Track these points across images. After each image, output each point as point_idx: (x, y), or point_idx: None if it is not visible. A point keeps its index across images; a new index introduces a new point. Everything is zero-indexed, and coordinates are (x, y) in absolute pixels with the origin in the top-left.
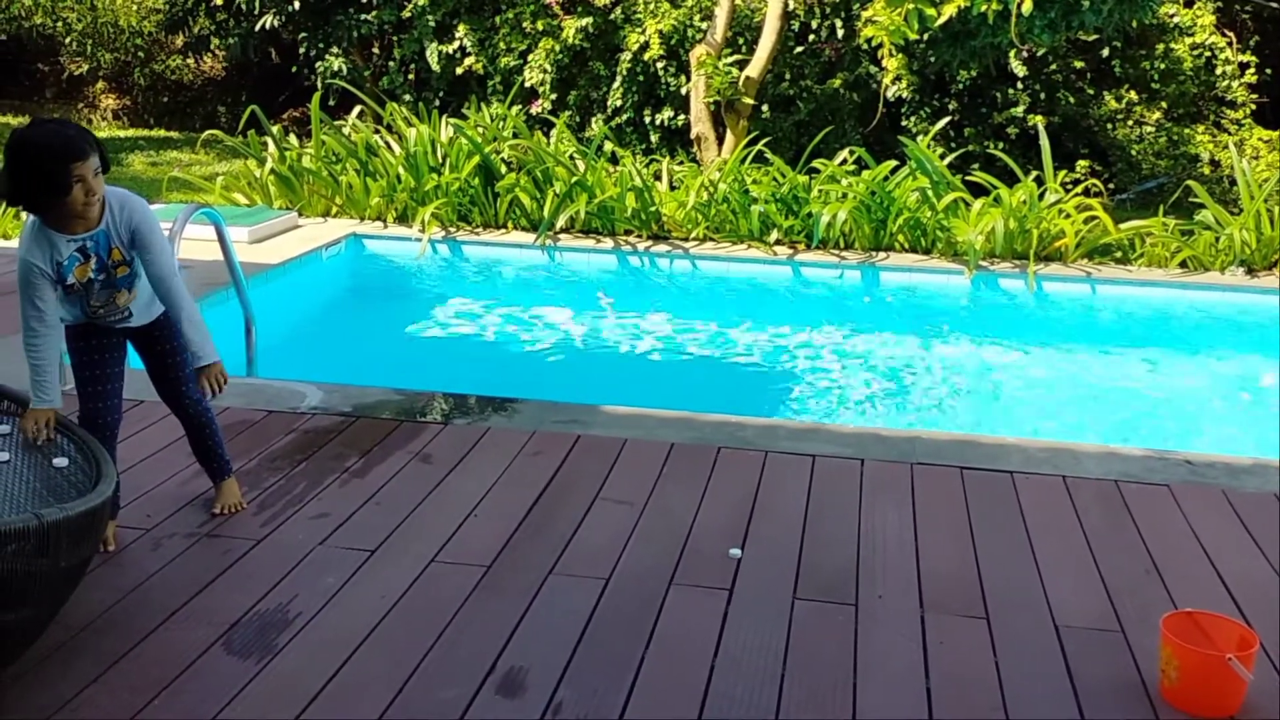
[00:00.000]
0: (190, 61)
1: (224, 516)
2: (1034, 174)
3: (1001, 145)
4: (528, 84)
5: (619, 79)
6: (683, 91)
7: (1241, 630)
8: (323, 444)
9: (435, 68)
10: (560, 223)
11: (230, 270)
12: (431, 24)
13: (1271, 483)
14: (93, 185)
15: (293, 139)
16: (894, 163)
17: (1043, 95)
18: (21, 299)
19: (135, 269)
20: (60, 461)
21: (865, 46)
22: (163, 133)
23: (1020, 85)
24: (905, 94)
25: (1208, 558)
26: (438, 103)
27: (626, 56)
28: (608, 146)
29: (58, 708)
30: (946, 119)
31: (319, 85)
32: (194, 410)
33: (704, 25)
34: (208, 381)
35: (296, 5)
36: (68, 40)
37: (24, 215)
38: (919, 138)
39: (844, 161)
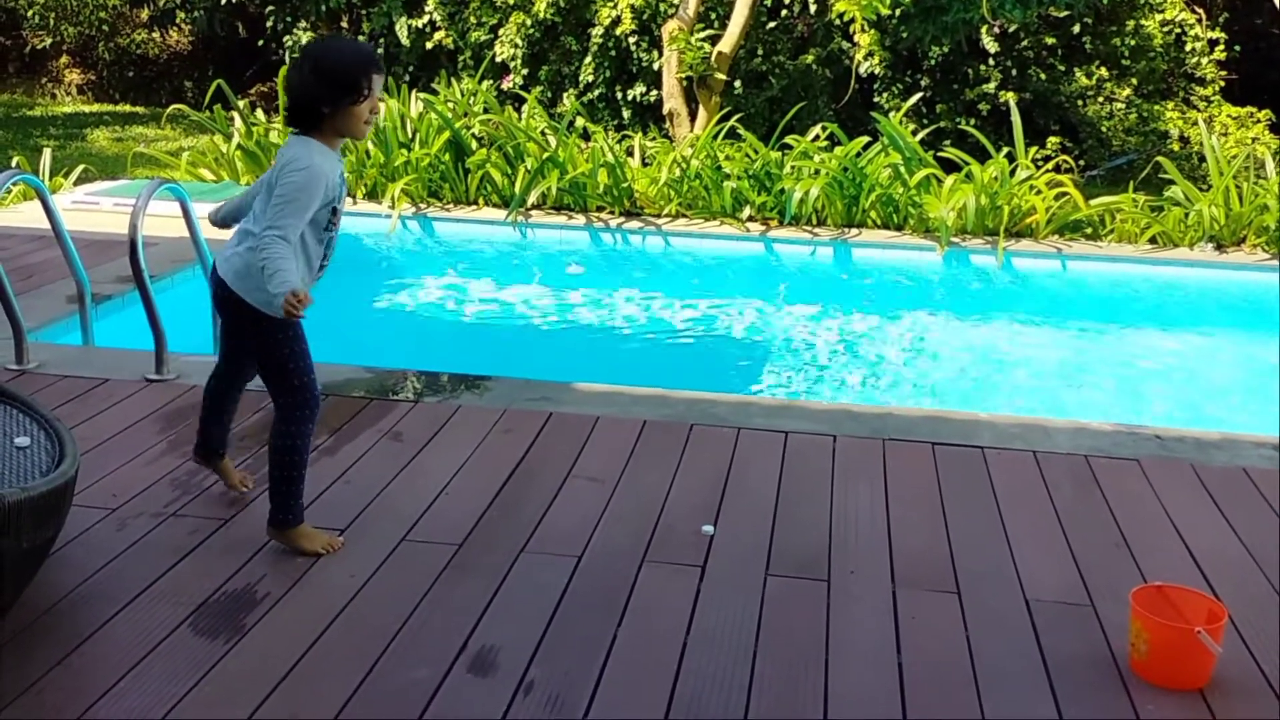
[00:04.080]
0: (156, 35)
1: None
2: (1005, 150)
3: (973, 121)
4: (498, 59)
5: (591, 54)
6: (655, 67)
7: (1210, 604)
8: None
9: (405, 42)
10: (532, 199)
11: (196, 247)
12: None
13: (1240, 457)
14: (376, 105)
15: (260, 114)
16: (866, 139)
17: (1014, 72)
18: (289, 206)
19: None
20: (22, 441)
21: (838, 22)
22: (128, 108)
23: (992, 61)
24: (877, 70)
25: (1177, 532)
26: (407, 78)
27: (598, 31)
28: (580, 122)
29: (21, 690)
30: (918, 95)
31: (286, 59)
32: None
33: (676, 0)
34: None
35: None
36: (30, 14)
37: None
38: (891, 114)
39: (816, 138)
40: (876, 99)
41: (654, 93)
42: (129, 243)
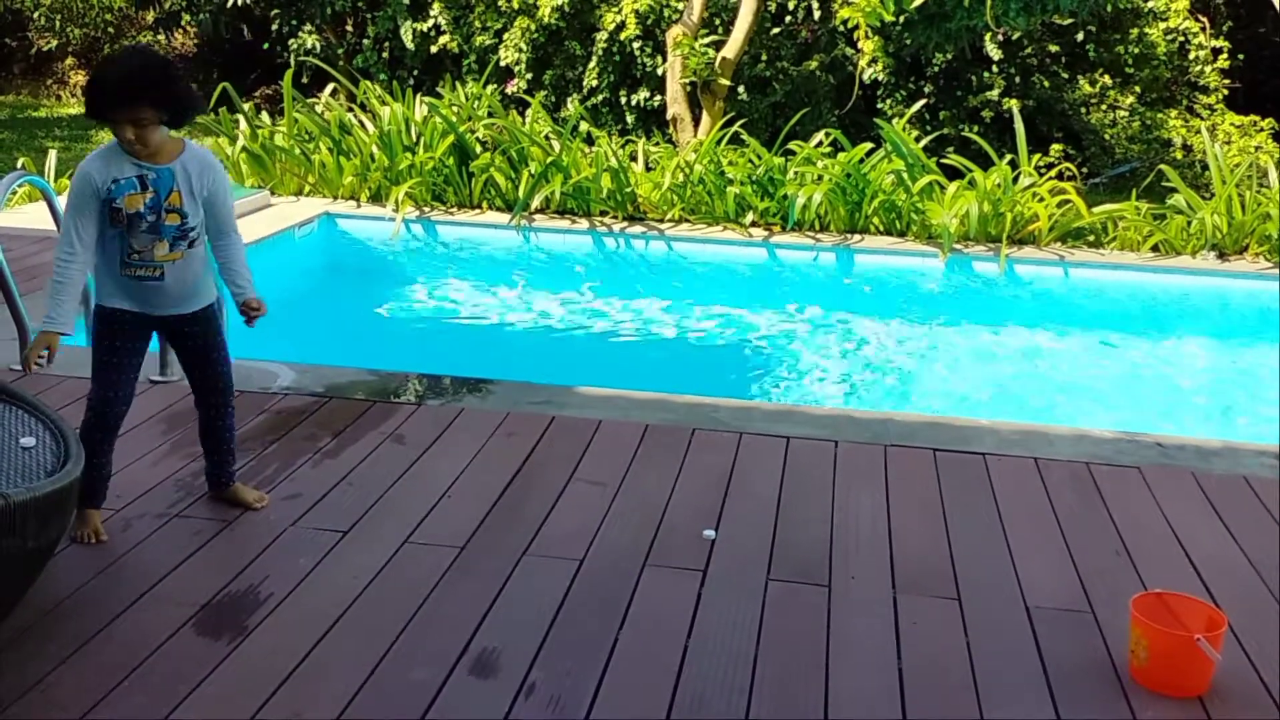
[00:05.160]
0: (161, 38)
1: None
2: (1008, 157)
3: (976, 128)
4: (503, 63)
5: (595, 59)
6: (659, 72)
7: (1210, 611)
8: (295, 424)
9: (409, 46)
10: (535, 203)
11: None
12: (405, 1)
13: (1240, 465)
14: (127, 134)
15: (265, 117)
16: (869, 145)
17: (1017, 79)
18: (65, 213)
19: (185, 228)
20: (28, 441)
21: (841, 28)
22: None
23: (995, 69)
24: (881, 76)
25: (1177, 539)
26: (412, 81)
27: (603, 36)
28: (583, 127)
29: (26, 689)
30: (922, 102)
31: (291, 63)
32: (228, 409)
33: (680, 5)
34: (250, 310)
35: None
36: (36, 16)
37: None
38: (894, 120)
39: (820, 144)
40: (880, 105)
41: (658, 98)
42: None
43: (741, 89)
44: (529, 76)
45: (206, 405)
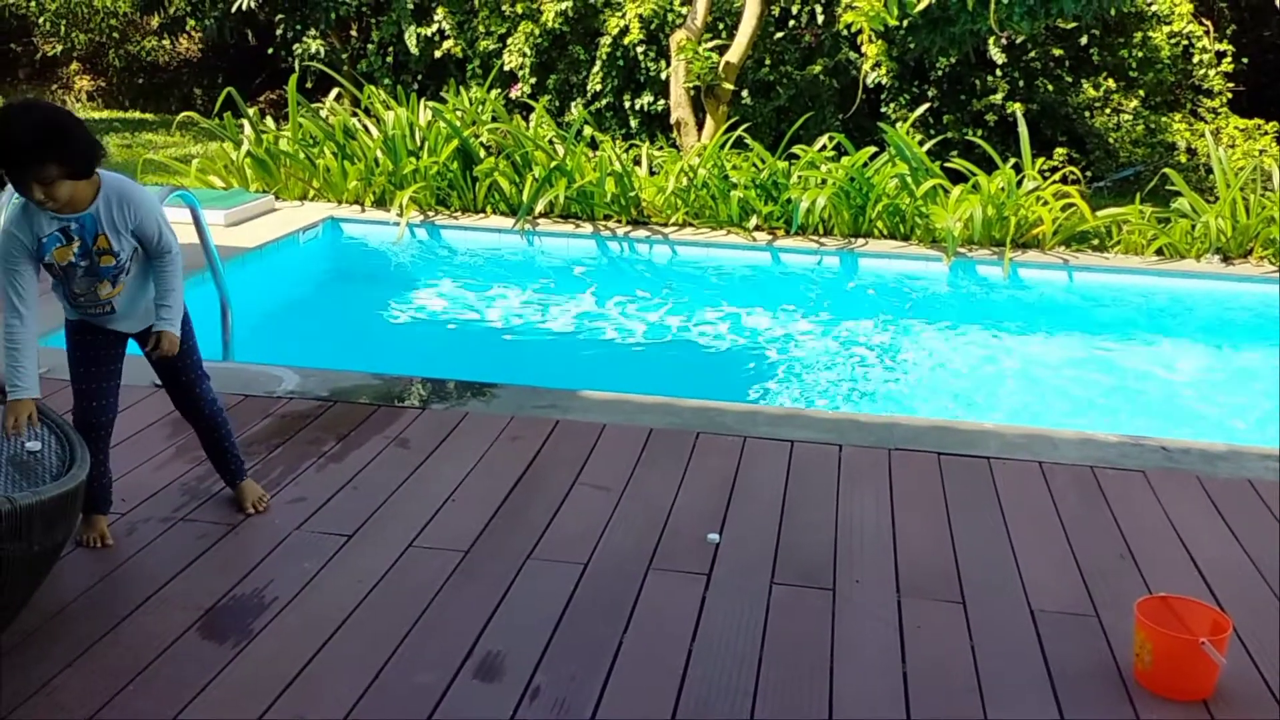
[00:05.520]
0: (166, 43)
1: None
2: (1012, 161)
3: (980, 132)
4: (507, 68)
5: (599, 63)
6: (663, 76)
7: (1215, 615)
8: (299, 428)
9: (414, 50)
10: (539, 207)
11: (206, 254)
12: (410, 6)
13: (1245, 469)
14: (37, 196)
15: (269, 121)
16: (873, 149)
17: (1021, 83)
18: (1, 276)
19: (121, 263)
20: (33, 445)
21: (845, 32)
22: (138, 114)
23: (999, 72)
24: (885, 80)
25: (1182, 543)
26: (416, 86)
27: (606, 41)
28: (587, 131)
29: (31, 692)
30: (925, 105)
31: (296, 67)
32: (209, 411)
33: (684, 10)
34: (155, 344)
35: None
36: (41, 20)
37: None
38: (898, 124)
39: (823, 147)
40: (883, 109)
41: (661, 102)
42: None
43: (745, 93)
44: (533, 81)
45: (194, 426)
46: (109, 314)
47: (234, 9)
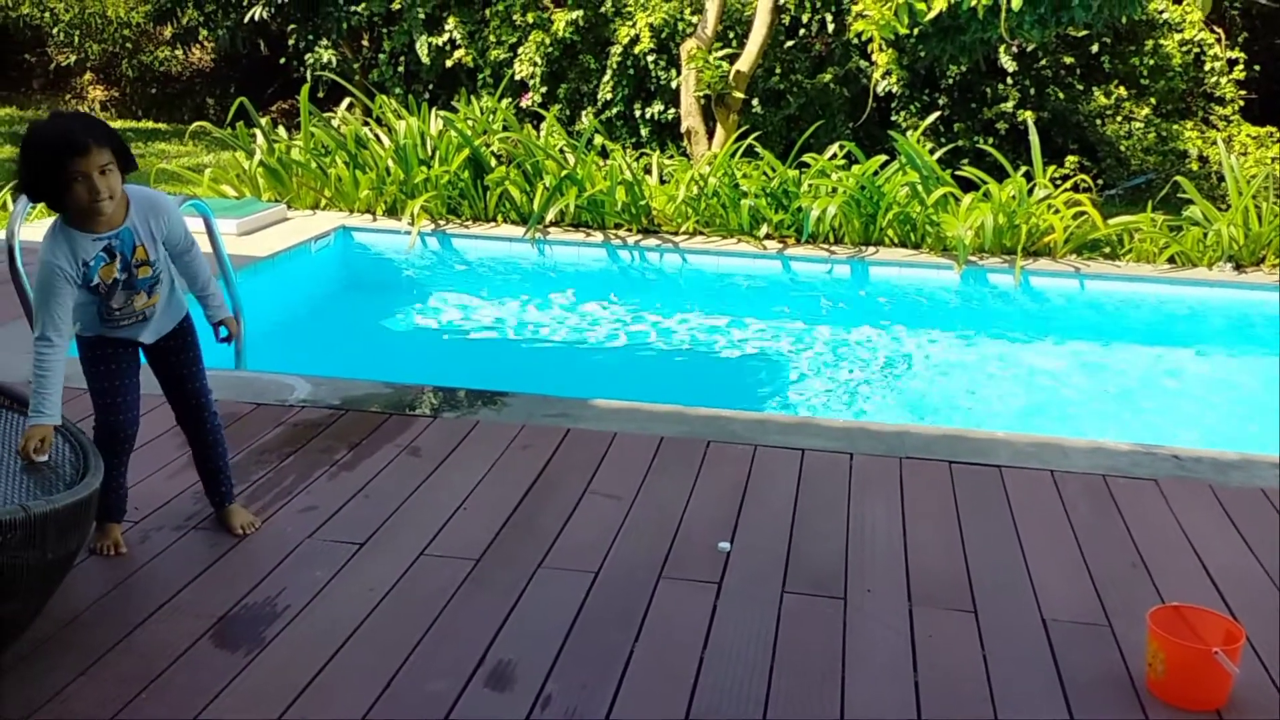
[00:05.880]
0: (178, 53)
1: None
2: (1023, 169)
3: (991, 140)
4: (518, 77)
5: (609, 72)
6: (673, 85)
7: (1228, 624)
8: (311, 437)
9: (425, 60)
10: (550, 216)
11: (218, 263)
12: (421, 16)
13: (1258, 478)
14: (97, 184)
15: (281, 131)
16: (884, 157)
17: (1032, 91)
18: (38, 305)
19: (157, 272)
20: (40, 457)
21: (855, 41)
22: (151, 124)
23: (1010, 81)
24: (895, 89)
25: (1194, 552)
26: (427, 95)
27: (617, 50)
28: (598, 140)
29: (45, 700)
30: (936, 114)
31: (308, 77)
32: (210, 425)
33: (694, 19)
34: (230, 325)
35: None
36: (55, 31)
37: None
38: (909, 132)
39: (834, 156)
40: (894, 118)
41: (672, 111)
42: None
43: (756, 102)
44: (544, 90)
45: (193, 438)
46: (142, 323)
47: (246, 19)
